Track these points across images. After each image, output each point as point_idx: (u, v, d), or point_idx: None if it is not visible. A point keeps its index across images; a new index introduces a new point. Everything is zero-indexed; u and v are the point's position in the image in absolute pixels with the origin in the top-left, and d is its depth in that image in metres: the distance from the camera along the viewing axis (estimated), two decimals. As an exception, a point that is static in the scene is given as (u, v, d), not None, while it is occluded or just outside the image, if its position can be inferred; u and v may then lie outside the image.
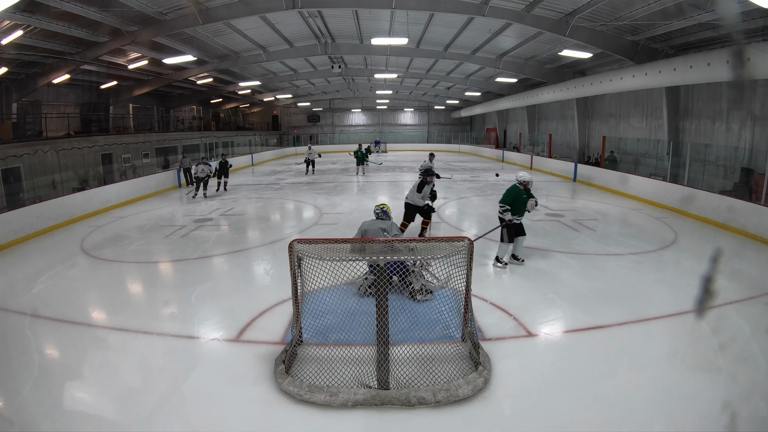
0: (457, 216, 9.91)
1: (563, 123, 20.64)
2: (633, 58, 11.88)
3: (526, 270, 6.08)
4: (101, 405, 3.27)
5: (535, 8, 10.73)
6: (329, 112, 37.38)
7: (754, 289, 5.16)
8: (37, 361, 3.85)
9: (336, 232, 8.34)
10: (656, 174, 12.67)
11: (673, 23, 9.89)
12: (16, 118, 14.33)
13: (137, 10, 10.60)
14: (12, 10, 8.90)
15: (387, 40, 13.54)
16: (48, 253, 7.26)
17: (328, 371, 3.39)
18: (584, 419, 3.00)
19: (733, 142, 10.90)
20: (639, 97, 14.63)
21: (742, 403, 3.18)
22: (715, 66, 9.15)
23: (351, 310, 3.89)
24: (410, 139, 36.56)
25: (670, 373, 3.55)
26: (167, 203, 12.23)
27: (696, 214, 9.06)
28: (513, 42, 14.46)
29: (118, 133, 18.07)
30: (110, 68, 15.52)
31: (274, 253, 6.94)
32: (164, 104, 23.78)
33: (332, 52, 16.30)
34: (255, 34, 14.35)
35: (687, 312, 4.54)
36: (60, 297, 5.33)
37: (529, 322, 4.37)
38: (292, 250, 3.45)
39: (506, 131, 29.29)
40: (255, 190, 14.28)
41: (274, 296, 5.02)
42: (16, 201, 11.36)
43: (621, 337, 4.15)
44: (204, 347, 4.09)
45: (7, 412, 3.22)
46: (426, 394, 3.15)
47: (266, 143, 32.11)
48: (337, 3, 11.21)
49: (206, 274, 6.19)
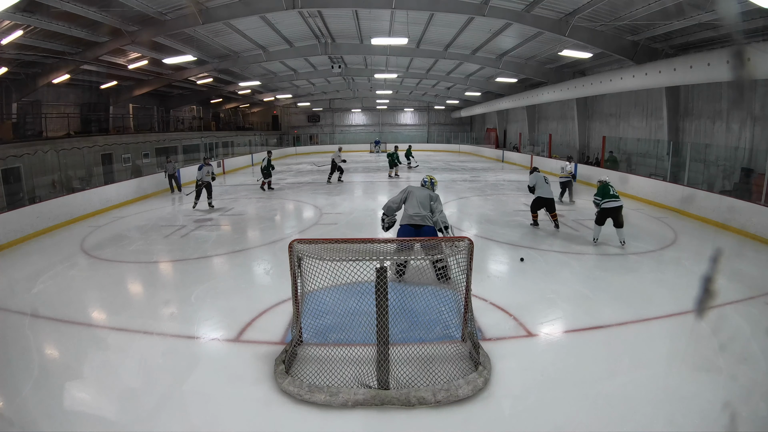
0: (457, 216, 9.91)
1: (563, 123, 20.64)
2: (633, 58, 11.88)
3: (526, 270, 6.08)
4: (101, 405, 3.27)
5: (535, 8, 10.73)
6: (329, 112, 37.38)
7: (754, 289, 5.16)
8: (37, 361, 3.85)
9: (336, 232, 8.34)
10: (656, 174, 12.68)
11: (673, 23, 9.89)
12: (16, 118, 14.32)
13: (137, 10, 10.60)
14: (12, 10, 8.90)
15: (387, 40, 13.54)
16: (48, 253, 7.26)
17: (328, 371, 3.39)
18: (584, 419, 3.00)
19: (733, 142, 10.90)
20: (639, 97, 14.63)
21: (742, 403, 3.18)
22: (715, 66, 9.15)
23: (351, 310, 3.89)
24: (410, 139, 36.41)
25: (671, 373, 3.55)
26: (167, 203, 12.23)
27: (696, 214, 9.06)
28: (513, 42, 14.46)
29: (118, 133, 18.07)
30: (110, 68, 15.52)
31: (274, 253, 6.94)
32: (164, 104, 23.78)
33: (332, 52, 16.30)
34: (255, 34, 14.35)
35: (687, 312, 4.53)
36: (60, 297, 5.32)
37: (529, 322, 4.37)
38: (292, 250, 3.45)
39: (506, 131, 29.29)
40: (255, 190, 14.28)
41: (274, 296, 5.02)
42: (16, 201, 11.36)
43: (621, 337, 4.15)
44: (204, 347, 4.09)
45: (7, 412, 3.21)
46: (426, 394, 3.15)
47: (266, 143, 32.12)
48: (337, 3, 11.21)
49: (206, 274, 6.19)
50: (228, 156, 23.27)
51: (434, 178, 5.92)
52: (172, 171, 13.87)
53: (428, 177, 5.89)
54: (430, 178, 5.87)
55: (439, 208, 5.35)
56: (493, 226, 8.65)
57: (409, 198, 5.42)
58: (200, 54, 15.23)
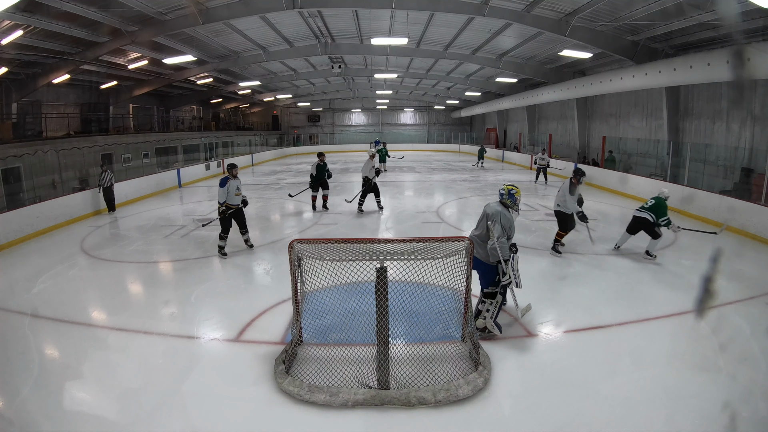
0: (457, 216, 9.91)
1: (563, 123, 20.64)
2: (633, 58, 11.88)
3: (526, 270, 6.07)
4: (101, 405, 3.27)
5: (535, 8, 10.73)
6: (329, 112, 37.38)
7: (754, 289, 5.16)
8: (37, 361, 3.85)
9: (336, 232, 8.34)
10: (656, 174, 12.68)
11: (673, 23, 9.89)
12: (16, 118, 14.34)
13: (137, 10, 10.60)
14: (12, 10, 8.91)
15: (387, 40, 13.54)
16: (48, 253, 7.26)
17: (328, 371, 3.39)
18: (584, 419, 3.00)
19: (733, 142, 10.90)
20: (639, 97, 14.63)
21: (742, 403, 3.18)
22: (715, 66, 9.15)
23: (351, 310, 3.89)
24: (410, 139, 36.55)
25: (670, 373, 3.55)
26: (167, 203, 12.23)
27: (696, 214, 9.05)
28: (513, 42, 14.46)
29: (118, 133, 18.08)
30: (110, 68, 15.54)
31: (274, 253, 6.94)
32: (164, 104, 23.79)
33: (332, 52, 16.31)
34: (255, 34, 14.35)
35: (687, 312, 4.54)
36: (60, 297, 5.32)
37: (529, 322, 4.37)
38: (292, 250, 3.45)
39: (506, 131, 29.29)
40: (255, 190, 14.28)
41: (274, 296, 5.02)
42: (16, 201, 11.36)
43: (621, 337, 4.15)
44: (204, 347, 4.09)
45: (7, 412, 3.21)
46: (426, 394, 3.15)
47: (266, 143, 32.13)
48: (337, 3, 11.22)
49: (206, 274, 6.18)
50: (228, 156, 23.28)
51: (514, 188, 4.22)
52: (108, 183, 10.33)
53: (506, 186, 4.25)
54: (507, 189, 4.21)
55: (498, 230, 3.95)
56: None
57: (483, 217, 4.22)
58: (200, 54, 15.23)
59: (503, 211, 4.12)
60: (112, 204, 10.58)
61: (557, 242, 6.66)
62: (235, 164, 6.90)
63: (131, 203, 12.01)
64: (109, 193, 10.46)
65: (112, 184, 10.51)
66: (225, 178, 6.70)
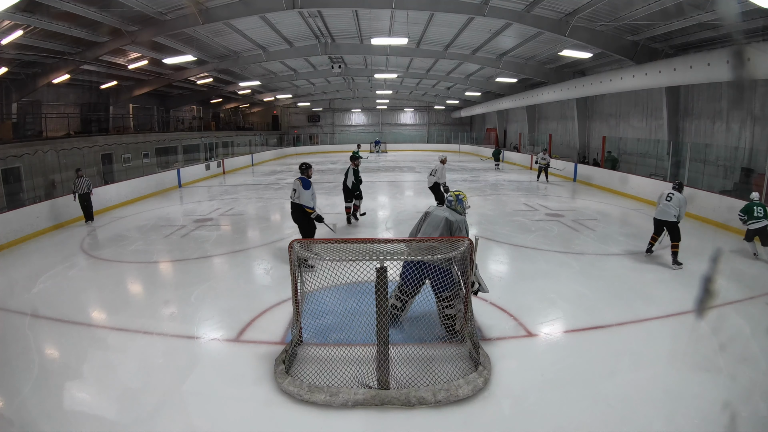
0: (457, 216, 9.90)
1: (563, 123, 20.64)
2: (633, 58, 11.88)
3: (526, 270, 6.09)
4: (101, 405, 3.27)
5: (535, 8, 10.73)
6: (329, 112, 37.38)
7: (754, 289, 5.16)
8: (37, 361, 3.85)
9: (336, 231, 8.33)
10: (656, 174, 12.68)
11: (673, 23, 9.89)
12: (16, 118, 14.33)
13: (137, 10, 10.60)
14: (12, 10, 8.90)
15: (387, 40, 13.54)
16: (48, 253, 7.26)
17: (328, 371, 3.39)
18: (584, 419, 3.00)
19: (733, 142, 10.90)
20: (639, 97, 14.63)
21: (742, 403, 3.18)
22: (715, 66, 9.15)
23: (351, 310, 3.89)
24: (410, 139, 36.58)
25: (670, 373, 3.55)
26: (167, 203, 12.23)
27: (696, 214, 9.05)
28: (513, 42, 14.46)
29: (118, 133, 18.07)
30: (110, 68, 15.53)
31: (274, 253, 6.94)
32: (164, 104, 23.79)
33: (332, 52, 16.30)
34: (255, 34, 14.34)
35: (687, 312, 4.54)
36: (60, 297, 5.32)
37: (529, 322, 4.37)
38: (292, 250, 3.45)
39: (506, 131, 29.29)
40: (255, 190, 14.28)
41: (274, 296, 5.02)
42: (16, 201, 11.35)
43: (621, 337, 4.15)
44: (204, 347, 4.09)
45: (7, 412, 3.21)
46: (426, 394, 3.15)
47: (266, 143, 32.13)
48: (337, 3, 11.21)
49: (206, 274, 6.19)
50: (228, 156, 23.29)
51: (462, 193, 4.29)
52: (84, 190, 9.28)
53: (453, 193, 4.31)
54: (455, 194, 4.27)
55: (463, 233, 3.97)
56: (493, 226, 8.65)
57: (425, 225, 4.15)
58: (200, 54, 15.23)
59: (464, 218, 4.14)
60: (89, 212, 9.43)
61: (675, 254, 6.09)
62: (309, 164, 6.30)
63: (131, 203, 12.01)
64: (86, 201, 9.34)
65: (90, 191, 9.33)
66: (307, 180, 6.04)
